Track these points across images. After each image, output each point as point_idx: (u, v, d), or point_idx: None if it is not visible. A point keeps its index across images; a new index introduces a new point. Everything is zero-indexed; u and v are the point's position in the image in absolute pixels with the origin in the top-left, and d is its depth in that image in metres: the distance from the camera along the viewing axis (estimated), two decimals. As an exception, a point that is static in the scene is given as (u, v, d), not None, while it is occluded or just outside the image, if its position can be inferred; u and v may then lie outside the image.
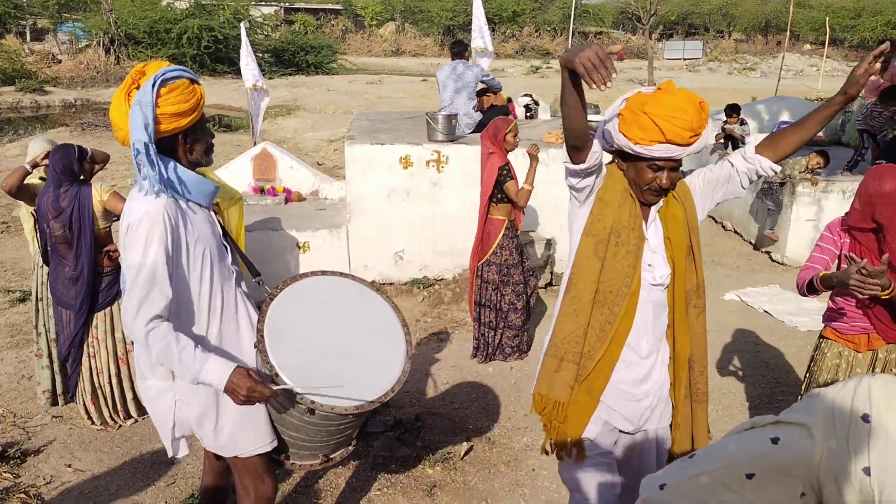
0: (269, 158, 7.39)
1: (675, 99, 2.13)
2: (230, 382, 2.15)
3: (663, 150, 2.16)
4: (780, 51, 30.67)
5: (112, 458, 4.02)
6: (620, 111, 2.22)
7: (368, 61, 36.97)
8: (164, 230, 2.13)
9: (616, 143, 2.26)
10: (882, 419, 0.93)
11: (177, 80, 2.14)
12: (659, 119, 2.11)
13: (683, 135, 2.12)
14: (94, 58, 26.74)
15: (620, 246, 2.34)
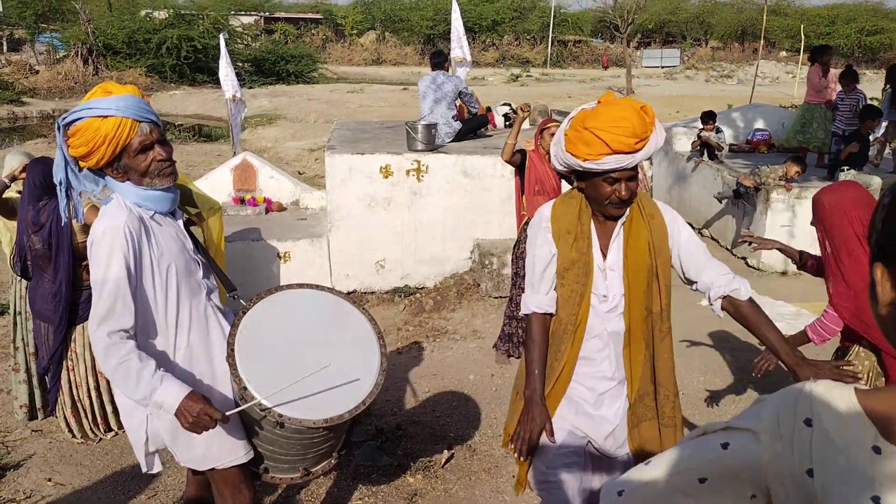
0: (249, 168, 7.40)
1: (615, 109, 2.16)
2: (181, 405, 2.16)
3: (613, 162, 2.17)
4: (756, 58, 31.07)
5: (93, 472, 4.00)
6: (565, 131, 2.26)
7: (349, 70, 37.01)
8: (125, 244, 2.17)
9: (566, 162, 2.28)
10: (823, 423, 0.98)
11: (78, 122, 2.16)
12: (601, 132, 2.13)
13: (629, 142, 2.14)
14: (73, 68, 26.56)
15: (565, 285, 2.36)
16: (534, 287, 2.42)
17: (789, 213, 7.40)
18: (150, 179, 2.27)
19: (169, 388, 2.17)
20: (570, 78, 33.72)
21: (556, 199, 2.46)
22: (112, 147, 2.18)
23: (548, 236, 2.39)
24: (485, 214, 6.64)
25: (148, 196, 2.28)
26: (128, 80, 26.28)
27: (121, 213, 2.21)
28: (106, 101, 2.15)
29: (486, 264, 6.35)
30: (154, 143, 2.25)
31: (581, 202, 2.39)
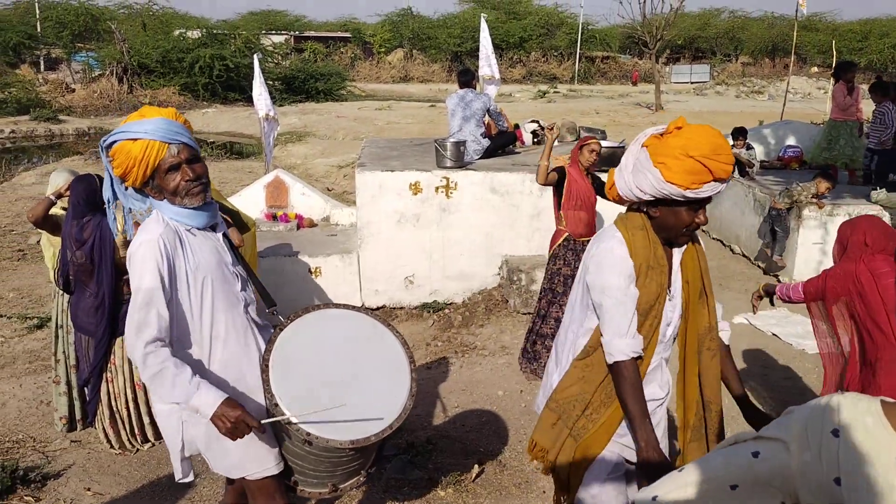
0: (281, 185, 7.53)
1: (709, 135, 2.13)
2: (218, 411, 2.23)
3: (710, 189, 2.16)
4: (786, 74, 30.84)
5: (130, 482, 4.09)
6: (659, 160, 2.16)
7: (377, 87, 37.39)
8: (159, 257, 2.26)
9: (662, 192, 2.19)
10: (850, 434, 1.02)
11: (115, 143, 2.28)
12: (707, 160, 2.10)
13: (727, 169, 2.14)
14: (108, 87, 27.19)
15: (643, 322, 2.31)
16: (622, 331, 2.28)
17: (821, 231, 7.34)
18: (180, 198, 2.36)
19: (206, 394, 2.25)
20: (598, 94, 33.71)
21: (622, 231, 2.32)
22: (143, 168, 2.28)
23: (630, 276, 2.29)
24: (513, 230, 6.68)
25: (182, 213, 2.38)
26: (161, 99, 26.91)
27: (157, 227, 2.31)
28: (138, 124, 2.27)
29: (515, 280, 6.38)
30: (181, 163, 2.33)
31: (650, 232, 2.32)
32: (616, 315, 2.27)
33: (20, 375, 5.45)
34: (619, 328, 2.27)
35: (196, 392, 2.24)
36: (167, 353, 2.26)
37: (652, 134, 2.22)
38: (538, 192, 6.59)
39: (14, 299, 7.30)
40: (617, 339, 2.27)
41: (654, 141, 2.20)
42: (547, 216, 6.65)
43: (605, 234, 2.36)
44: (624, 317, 2.27)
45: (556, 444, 2.50)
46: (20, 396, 5.09)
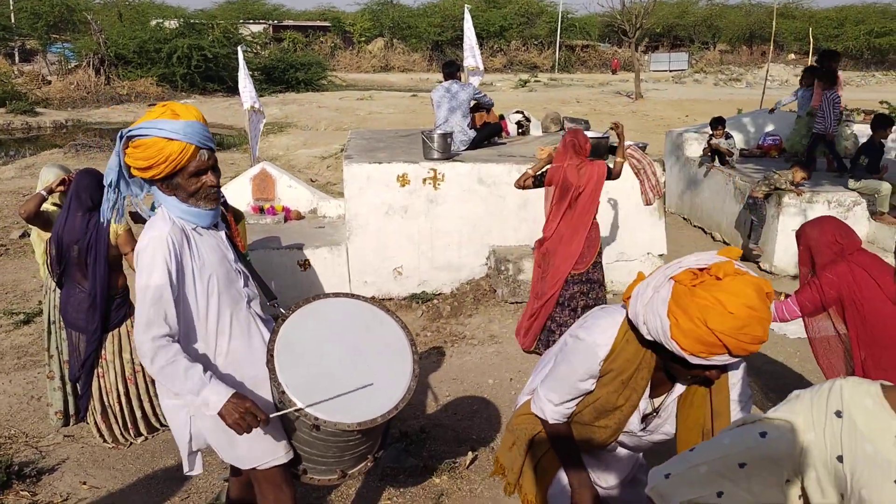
0: (267, 178, 7.53)
1: (742, 306, 1.80)
2: (227, 405, 2.29)
3: (723, 360, 1.89)
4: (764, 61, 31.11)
5: (126, 475, 4.12)
6: (671, 310, 1.89)
7: (358, 77, 37.27)
8: (167, 254, 2.30)
9: (661, 342, 1.95)
10: (852, 414, 1.11)
11: (143, 137, 2.30)
12: (725, 337, 1.81)
13: (751, 349, 1.84)
14: (85, 78, 26.90)
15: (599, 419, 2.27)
16: (560, 402, 2.29)
17: (801, 218, 7.47)
18: (195, 200, 2.41)
19: (215, 389, 2.30)
20: (579, 83, 33.84)
21: (619, 334, 2.13)
22: (171, 167, 2.33)
23: (594, 375, 2.19)
24: (500, 221, 6.74)
25: (191, 212, 2.42)
26: (139, 90, 26.67)
27: (164, 225, 2.35)
28: (174, 123, 2.29)
29: (503, 270, 6.45)
30: (208, 169, 2.41)
31: (646, 353, 2.10)
32: (559, 385, 2.27)
33: (9, 371, 5.44)
34: (555, 394, 2.29)
35: (206, 386, 2.29)
36: (177, 348, 2.30)
37: (689, 268, 1.91)
38: (524, 183, 6.65)
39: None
40: (548, 402, 2.32)
41: (686, 279, 1.89)
42: (533, 207, 6.72)
43: (606, 320, 2.19)
44: (564, 391, 2.26)
45: (515, 466, 2.55)
46: (10, 392, 5.09)
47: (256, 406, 2.33)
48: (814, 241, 3.56)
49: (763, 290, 1.83)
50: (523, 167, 6.62)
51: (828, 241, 3.49)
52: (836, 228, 3.52)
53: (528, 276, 6.38)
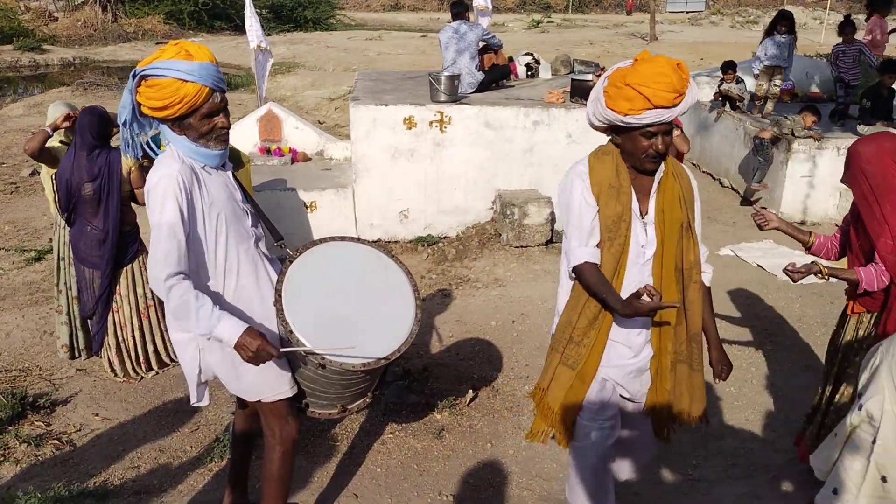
0: (274, 119, 7.51)
1: (653, 66, 2.26)
2: (241, 340, 2.36)
3: (653, 116, 2.28)
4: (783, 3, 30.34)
5: (137, 408, 4.25)
6: (605, 88, 2.35)
7: (367, 17, 36.62)
8: (178, 191, 2.33)
9: (606, 118, 2.37)
10: None
11: (158, 77, 2.30)
12: (642, 87, 2.23)
13: (668, 97, 2.24)
14: (91, 15, 26.55)
15: (613, 240, 2.45)
16: (582, 240, 2.47)
17: (810, 164, 7.44)
18: (206, 141, 2.44)
19: (229, 324, 2.37)
20: (593, 24, 33.15)
21: (590, 155, 2.53)
22: (186, 108, 2.35)
23: (588, 193, 2.46)
24: (506, 165, 6.73)
25: (200, 152, 2.45)
26: (146, 28, 26.34)
27: (174, 163, 2.38)
28: (189, 65, 2.30)
29: (508, 214, 6.48)
30: (220, 111, 2.43)
31: (617, 157, 2.47)
32: (577, 226, 2.48)
33: (22, 307, 5.56)
34: (580, 237, 2.48)
35: (218, 323, 2.35)
36: (189, 285, 2.35)
37: (618, 67, 2.36)
38: (531, 127, 6.62)
39: (10, 232, 7.37)
40: (578, 246, 2.48)
41: (615, 72, 2.34)
42: (539, 152, 6.70)
43: (577, 163, 2.55)
44: (582, 228, 2.47)
45: (548, 372, 2.66)
46: (23, 327, 5.21)
47: (267, 342, 2.40)
48: (867, 164, 2.97)
49: (672, 63, 2.27)
50: (531, 111, 6.61)
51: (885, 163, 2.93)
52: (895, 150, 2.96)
53: (532, 220, 6.41)
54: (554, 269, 6.19)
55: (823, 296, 5.69)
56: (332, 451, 3.77)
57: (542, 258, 6.40)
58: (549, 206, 6.49)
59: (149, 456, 3.78)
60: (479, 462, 3.69)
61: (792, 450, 3.71)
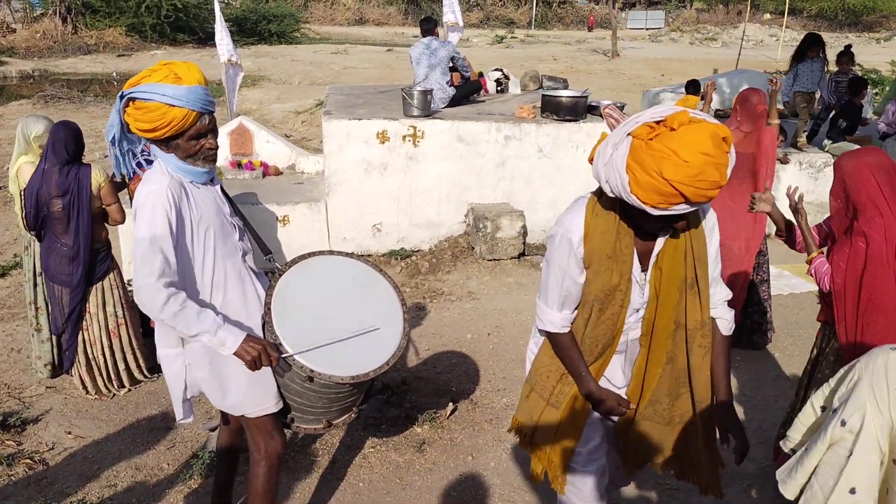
0: (245, 133, 7.48)
1: (697, 153, 1.80)
2: (242, 345, 2.37)
3: (683, 209, 1.91)
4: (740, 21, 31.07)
5: (110, 425, 4.18)
6: (630, 165, 1.90)
7: (332, 30, 36.65)
8: (167, 205, 2.34)
9: (624, 199, 1.98)
10: None
11: (146, 101, 2.31)
12: (682, 185, 1.82)
13: (709, 194, 1.86)
14: (51, 27, 26.17)
15: (605, 310, 2.24)
16: (559, 306, 2.31)
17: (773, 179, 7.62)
18: (193, 160, 2.45)
19: (230, 330, 2.38)
20: (556, 40, 33.62)
21: (587, 211, 2.18)
22: (173, 131, 2.36)
23: (576, 264, 2.21)
24: (479, 179, 6.80)
25: (188, 170, 2.45)
26: (107, 40, 25.98)
27: (163, 178, 2.39)
28: (177, 89, 2.30)
29: (481, 228, 6.53)
30: (208, 132, 2.44)
31: (618, 218, 2.15)
32: (551, 289, 2.29)
33: (-13, 324, 5.43)
34: (551, 300, 2.31)
35: (221, 327, 2.36)
36: (185, 294, 2.35)
37: (646, 122, 1.90)
38: (503, 142, 6.70)
39: (-28, 248, 7.19)
40: (547, 310, 2.33)
41: (643, 134, 1.88)
42: (512, 165, 6.78)
43: (573, 208, 2.25)
44: (557, 293, 2.28)
45: (533, 415, 2.51)
46: (-11, 345, 5.09)
47: (270, 346, 2.42)
48: (849, 178, 2.96)
49: (719, 136, 1.84)
50: (503, 126, 6.69)
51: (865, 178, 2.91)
52: (878, 168, 2.90)
53: (505, 233, 6.48)
54: (527, 282, 6.26)
55: (789, 306, 5.83)
56: (313, 466, 3.75)
57: (514, 271, 6.47)
58: (522, 219, 6.56)
59: (125, 474, 3.72)
60: (461, 475, 3.71)
61: (765, 458, 3.79)
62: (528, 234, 6.81)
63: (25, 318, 5.50)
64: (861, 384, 1.30)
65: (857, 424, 1.27)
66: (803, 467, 1.36)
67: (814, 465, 1.34)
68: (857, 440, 1.27)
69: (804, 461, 1.36)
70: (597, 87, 17.13)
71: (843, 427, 1.30)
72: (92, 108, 14.94)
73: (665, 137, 1.83)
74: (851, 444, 1.27)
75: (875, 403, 1.26)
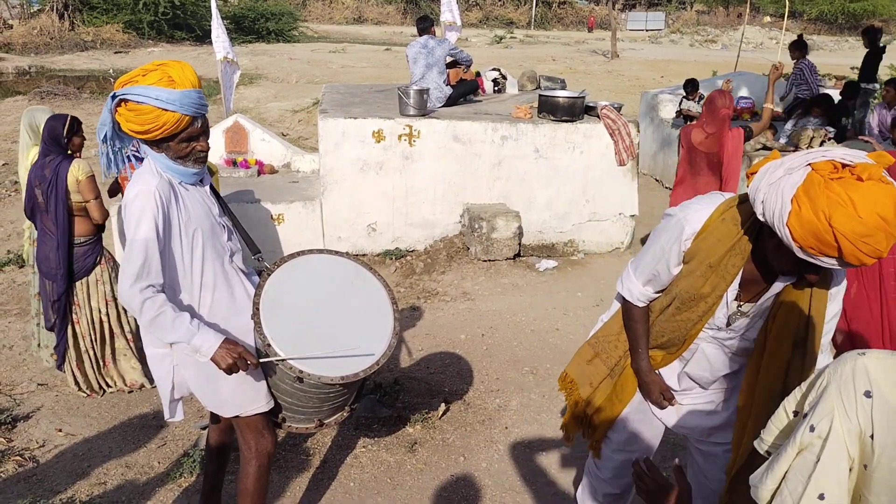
0: (240, 131, 7.46)
1: (874, 214, 1.64)
2: (218, 351, 2.37)
3: (830, 263, 1.75)
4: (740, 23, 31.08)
5: (101, 423, 4.17)
6: (798, 196, 1.72)
7: (330, 29, 36.61)
8: (155, 208, 2.33)
9: (774, 226, 1.80)
10: (883, 393, 1.19)
11: (139, 104, 2.30)
12: (844, 240, 1.66)
13: (865, 260, 1.70)
14: (48, 23, 26.10)
15: (682, 311, 2.18)
16: (644, 280, 2.27)
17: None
18: (184, 161, 2.45)
19: (206, 335, 2.38)
20: (555, 40, 33.62)
21: (716, 212, 2.06)
22: (165, 133, 2.36)
23: (678, 252, 2.13)
24: (475, 179, 6.78)
25: (178, 170, 2.46)
26: (105, 37, 25.93)
27: (152, 179, 2.38)
28: (171, 93, 2.29)
29: (476, 228, 6.52)
30: (200, 135, 2.44)
31: (742, 236, 2.01)
32: (648, 264, 2.24)
33: (-22, 320, 5.41)
34: (640, 272, 2.28)
35: (197, 332, 2.36)
36: (163, 298, 2.36)
37: (832, 160, 1.73)
38: (500, 142, 6.69)
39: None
40: (636, 283, 2.30)
41: (825, 170, 1.72)
42: (508, 165, 6.77)
43: (705, 199, 2.14)
44: (648, 269, 2.23)
45: (591, 380, 2.52)
46: (-19, 341, 5.08)
47: (247, 351, 2.42)
48: None
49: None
50: (499, 126, 6.67)
51: None
52: None
53: (500, 234, 6.46)
54: (522, 283, 6.24)
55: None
56: (304, 466, 3.74)
57: (509, 272, 6.45)
58: (517, 220, 6.55)
59: (115, 472, 3.71)
60: (453, 476, 3.70)
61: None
62: (524, 234, 6.79)
63: (18, 314, 5.50)
64: (829, 389, 1.29)
65: (826, 430, 1.26)
66: (773, 473, 1.35)
67: (784, 471, 1.33)
68: (825, 445, 1.26)
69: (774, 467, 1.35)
70: (595, 87, 17.15)
71: (811, 432, 1.29)
72: (88, 105, 14.91)
73: (848, 184, 1.67)
74: (820, 449, 1.26)
75: (843, 409, 1.25)
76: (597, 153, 6.84)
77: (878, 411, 1.19)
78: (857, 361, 1.24)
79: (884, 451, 1.18)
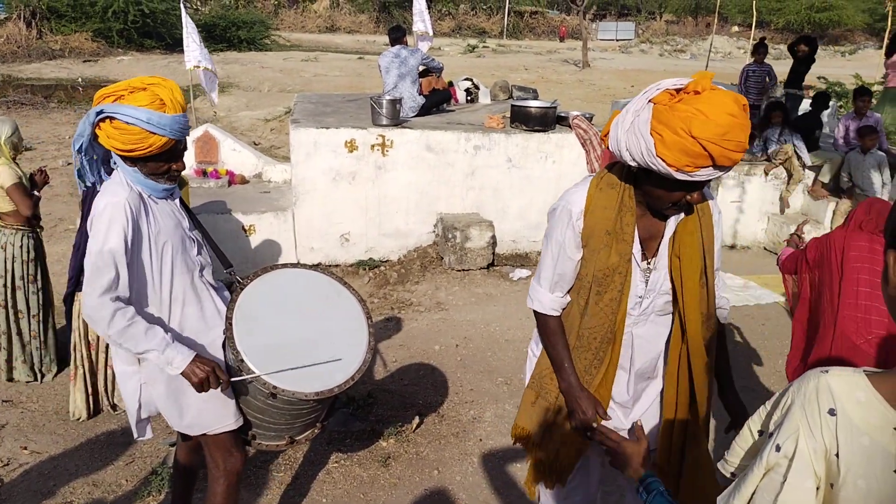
0: (211, 141, 7.39)
1: (724, 112, 1.79)
2: (190, 366, 2.34)
3: (707, 175, 1.87)
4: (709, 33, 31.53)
5: (67, 441, 4.08)
6: (654, 126, 1.86)
7: (302, 37, 36.43)
8: (124, 220, 2.29)
9: (649, 164, 1.90)
10: (846, 410, 1.18)
11: (128, 124, 2.26)
12: (710, 144, 1.79)
13: (735, 157, 1.84)
14: (15, 32, 25.62)
15: (602, 294, 2.15)
16: (550, 286, 2.24)
17: (739, 189, 7.73)
18: (157, 177, 2.42)
19: (178, 349, 2.34)
20: (527, 50, 33.80)
21: (591, 186, 2.14)
22: (148, 153, 2.33)
23: (573, 238, 2.15)
24: (448, 189, 6.78)
25: (149, 185, 2.42)
26: (73, 45, 25.55)
27: (122, 191, 2.34)
28: (161, 117, 2.27)
29: (450, 238, 6.50)
30: (179, 156, 2.43)
31: (624, 193, 2.10)
32: (549, 268, 2.22)
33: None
34: (544, 278, 2.25)
35: (169, 346, 2.32)
36: (133, 310, 2.31)
37: (667, 89, 1.89)
38: (473, 151, 6.69)
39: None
40: (539, 288, 2.26)
41: (665, 99, 1.87)
42: (481, 175, 6.77)
43: (578, 184, 2.21)
44: (553, 272, 2.21)
45: (539, 423, 2.38)
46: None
47: (219, 367, 2.39)
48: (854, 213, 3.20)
49: (740, 101, 1.84)
50: (472, 135, 6.68)
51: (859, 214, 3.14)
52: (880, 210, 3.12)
53: (474, 243, 6.46)
54: (496, 293, 6.24)
55: (755, 317, 5.88)
56: (275, 482, 3.68)
57: (483, 281, 6.44)
58: (491, 229, 6.55)
59: (82, 491, 3.62)
60: (426, 490, 3.66)
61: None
62: (498, 244, 6.80)
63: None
64: (794, 408, 1.28)
65: (791, 449, 1.25)
66: (741, 494, 1.34)
67: (751, 492, 1.32)
68: (790, 465, 1.25)
69: (742, 488, 1.34)
70: (567, 97, 17.24)
71: (777, 452, 1.27)
72: (56, 115, 14.67)
73: (690, 100, 1.83)
74: (786, 469, 1.25)
75: (808, 427, 1.24)
76: (569, 163, 6.87)
77: (843, 429, 1.18)
78: (821, 379, 1.23)
79: (849, 470, 1.17)
